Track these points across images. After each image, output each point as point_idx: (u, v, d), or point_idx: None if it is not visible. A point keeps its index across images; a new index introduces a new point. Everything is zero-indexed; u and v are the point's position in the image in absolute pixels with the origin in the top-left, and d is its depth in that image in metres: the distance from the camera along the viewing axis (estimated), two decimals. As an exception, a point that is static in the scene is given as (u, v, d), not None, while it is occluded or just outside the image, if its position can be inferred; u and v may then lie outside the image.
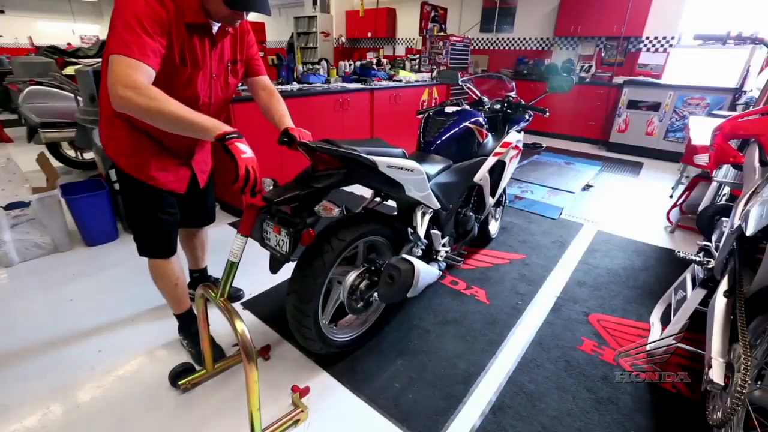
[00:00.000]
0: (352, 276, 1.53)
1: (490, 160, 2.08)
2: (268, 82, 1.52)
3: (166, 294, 1.55)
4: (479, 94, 2.36)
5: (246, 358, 1.12)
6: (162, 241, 1.44)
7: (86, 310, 1.89)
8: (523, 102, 2.30)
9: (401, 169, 1.41)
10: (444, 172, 1.80)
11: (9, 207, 2.15)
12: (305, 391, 1.45)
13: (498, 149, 2.13)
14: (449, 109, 1.99)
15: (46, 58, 4.67)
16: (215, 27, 1.23)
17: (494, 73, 3.41)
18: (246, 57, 1.42)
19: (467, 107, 2.08)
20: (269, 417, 1.35)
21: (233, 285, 1.97)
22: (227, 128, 1.05)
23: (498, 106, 2.31)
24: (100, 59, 3.81)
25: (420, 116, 2.04)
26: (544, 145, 3.23)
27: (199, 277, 1.90)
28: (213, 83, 1.32)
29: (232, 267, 1.21)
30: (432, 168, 1.72)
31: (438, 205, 1.70)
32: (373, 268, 1.58)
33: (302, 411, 1.36)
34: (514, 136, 2.26)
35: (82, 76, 2.64)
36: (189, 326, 1.63)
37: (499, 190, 2.30)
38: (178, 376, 1.45)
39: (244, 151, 1.04)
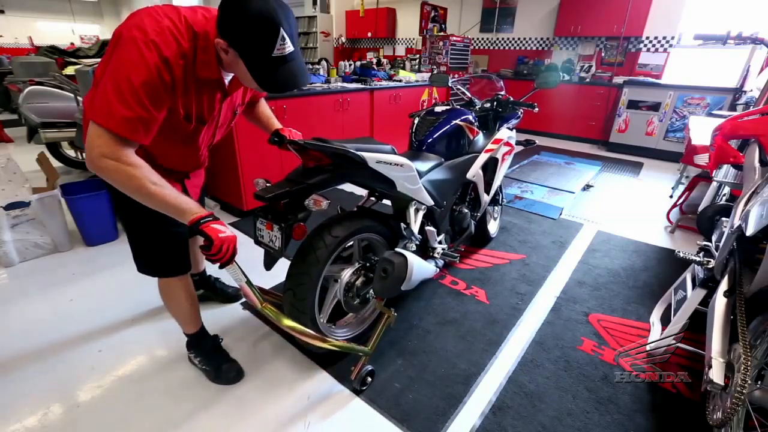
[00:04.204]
0: (347, 273, 1.53)
1: (482, 157, 2.10)
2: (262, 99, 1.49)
3: (179, 314, 1.45)
4: (469, 95, 2.38)
5: (310, 337, 1.29)
6: (177, 257, 1.33)
7: (86, 310, 1.89)
8: (512, 99, 2.31)
9: (391, 164, 1.42)
10: (436, 169, 1.81)
11: (9, 207, 2.15)
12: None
13: (489, 146, 2.14)
14: (439, 109, 2.01)
15: (46, 58, 4.67)
16: (228, 78, 1.10)
17: (484, 74, 3.43)
18: (252, 93, 1.35)
19: (457, 106, 2.10)
20: (269, 417, 1.36)
21: (233, 285, 2.00)
22: (203, 212, 0.99)
23: (488, 105, 2.33)
24: (99, 59, 3.80)
25: (412, 118, 2.06)
26: (536, 141, 3.24)
27: (199, 279, 1.90)
28: (217, 131, 1.26)
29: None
30: (423, 165, 1.73)
31: (431, 202, 1.71)
32: (368, 264, 1.59)
33: (389, 316, 1.52)
34: (505, 133, 2.28)
35: (82, 76, 2.65)
36: (204, 344, 1.53)
37: (494, 187, 2.31)
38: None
39: (222, 230, 0.98)
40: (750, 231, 1.12)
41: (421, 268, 1.53)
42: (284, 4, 0.92)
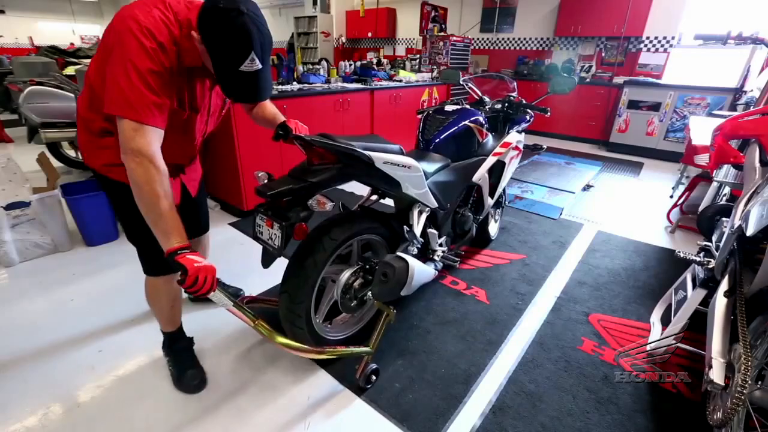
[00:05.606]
0: (345, 275, 1.52)
1: (490, 160, 2.07)
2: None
3: (160, 312, 1.46)
4: (480, 94, 2.35)
5: (306, 352, 1.30)
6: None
7: (86, 310, 1.89)
8: (524, 102, 2.28)
9: (398, 165, 1.40)
10: (442, 171, 1.79)
11: (9, 207, 2.15)
12: None
13: (498, 149, 2.12)
14: (449, 108, 1.97)
15: (46, 58, 4.69)
16: None
17: (495, 73, 3.40)
18: None
19: (467, 106, 2.07)
20: (269, 418, 1.36)
21: (233, 285, 2.00)
22: (182, 242, 0.98)
23: (499, 106, 2.29)
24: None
25: (420, 115, 2.04)
26: (545, 146, 3.24)
27: None
28: (209, 120, 1.28)
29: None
30: (430, 166, 1.71)
31: (435, 204, 1.70)
32: (367, 266, 1.57)
33: (388, 313, 1.52)
34: (515, 137, 2.25)
35: (83, 76, 2.65)
36: (176, 343, 1.53)
37: (498, 191, 2.29)
38: None
39: (198, 261, 0.97)
40: (750, 231, 1.12)
41: (421, 272, 1.51)
42: (263, 24, 0.96)
